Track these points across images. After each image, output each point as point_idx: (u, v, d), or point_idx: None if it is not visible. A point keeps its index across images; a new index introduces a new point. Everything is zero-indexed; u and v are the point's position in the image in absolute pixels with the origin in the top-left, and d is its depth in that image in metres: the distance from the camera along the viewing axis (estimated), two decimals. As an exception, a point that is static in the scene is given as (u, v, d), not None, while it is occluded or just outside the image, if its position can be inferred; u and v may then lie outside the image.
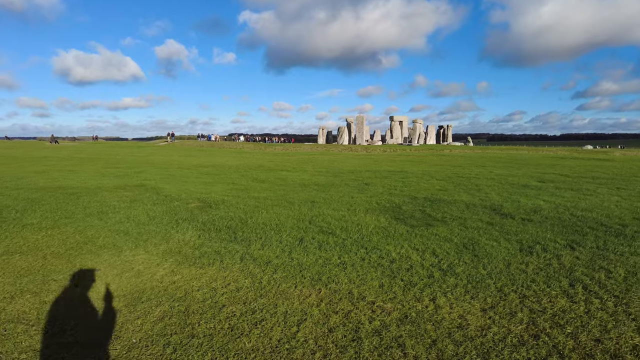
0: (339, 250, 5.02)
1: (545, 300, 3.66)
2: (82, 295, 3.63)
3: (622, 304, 3.53)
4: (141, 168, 14.79)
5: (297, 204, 7.95)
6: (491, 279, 4.16)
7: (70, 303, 3.49)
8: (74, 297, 3.61)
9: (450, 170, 16.12)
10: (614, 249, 5.08)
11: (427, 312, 3.43)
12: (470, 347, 2.89)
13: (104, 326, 3.11)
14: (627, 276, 4.16)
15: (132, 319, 3.22)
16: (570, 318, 3.31)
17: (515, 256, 4.85)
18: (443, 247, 5.20)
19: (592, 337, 3.02)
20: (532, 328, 3.16)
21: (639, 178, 13.78)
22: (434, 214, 7.17)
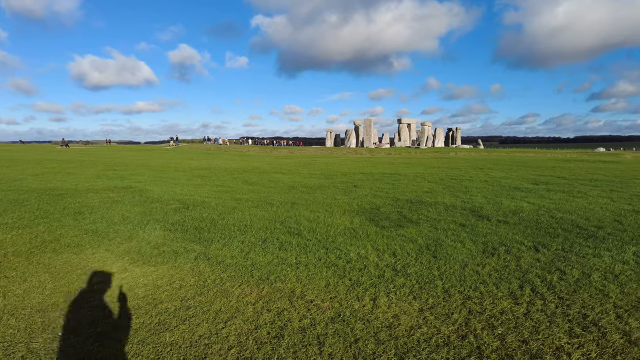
0: (298, 251, 5.02)
1: (488, 301, 3.61)
2: (25, 290, 3.71)
3: (563, 306, 3.47)
4: (137, 171, 15.01)
5: (277, 205, 7.98)
6: (441, 280, 4.12)
7: (8, 300, 3.57)
8: (18, 293, 3.69)
9: (446, 172, 15.98)
10: (579, 250, 4.99)
11: (362, 312, 3.42)
12: (391, 347, 2.87)
13: (35, 321, 3.18)
14: (580, 278, 4.08)
15: (66, 313, 3.28)
16: (505, 319, 3.26)
17: (475, 258, 4.79)
18: (405, 248, 5.17)
19: (520, 338, 2.98)
20: (462, 329, 3.12)
21: (638, 180, 13.46)
22: (410, 216, 7.12)
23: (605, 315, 3.28)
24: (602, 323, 3.15)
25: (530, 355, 2.76)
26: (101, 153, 33.47)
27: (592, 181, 13.21)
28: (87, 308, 3.38)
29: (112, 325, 3.13)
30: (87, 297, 3.59)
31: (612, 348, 2.81)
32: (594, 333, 3.01)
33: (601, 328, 3.07)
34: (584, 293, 3.72)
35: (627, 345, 2.84)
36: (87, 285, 3.83)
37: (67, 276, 4.02)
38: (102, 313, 3.30)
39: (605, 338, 2.94)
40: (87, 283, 3.89)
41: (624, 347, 2.82)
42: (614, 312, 3.33)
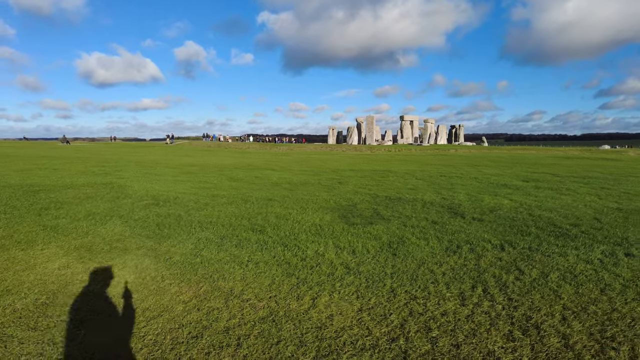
0: (255, 249, 4.88)
1: (433, 302, 3.45)
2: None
3: (510, 308, 3.30)
4: (127, 167, 14.96)
5: (252, 202, 7.85)
6: (391, 279, 3.96)
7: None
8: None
9: (438, 169, 15.76)
10: (545, 249, 4.80)
11: (296, 312, 3.27)
12: (312, 349, 2.72)
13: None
14: (537, 278, 3.90)
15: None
16: (445, 322, 3.10)
17: (435, 256, 4.62)
18: (366, 246, 5.01)
19: (454, 342, 2.81)
20: (395, 331, 2.96)
21: (635, 178, 13.17)
22: (384, 213, 6.95)
23: (550, 317, 3.10)
24: (544, 326, 2.97)
25: (431, 358, 2.60)
26: (99, 150, 33.57)
27: (586, 178, 12.96)
28: (15, 305, 3.26)
29: (33, 317, 3.01)
30: (14, 293, 3.47)
31: (546, 353, 2.64)
32: (532, 337, 2.84)
33: (541, 331, 2.90)
34: (536, 294, 3.55)
35: (562, 350, 2.66)
36: (19, 282, 3.72)
37: (3, 273, 3.91)
38: (24, 309, 3.18)
39: (542, 342, 2.76)
40: (21, 280, 3.78)
41: (558, 351, 2.65)
42: (560, 314, 3.15)
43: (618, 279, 3.86)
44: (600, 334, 2.84)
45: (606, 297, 3.45)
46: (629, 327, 2.93)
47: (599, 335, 2.83)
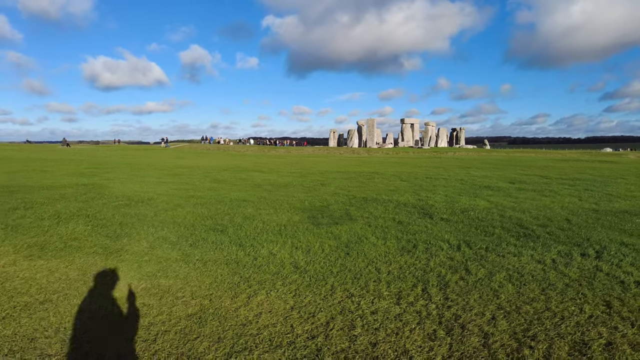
0: (209, 248, 4.87)
1: (368, 300, 3.42)
2: None
3: (444, 307, 3.26)
4: (117, 169, 15.03)
5: (225, 203, 7.84)
6: (335, 278, 3.93)
7: None
8: None
9: (427, 171, 15.70)
10: (502, 250, 4.75)
11: (227, 309, 3.25)
12: (228, 345, 2.70)
13: None
14: (483, 278, 3.86)
15: None
16: (372, 320, 3.07)
17: (387, 255, 4.59)
18: (323, 245, 4.98)
19: (373, 340, 2.78)
20: (318, 329, 2.94)
21: (623, 180, 13.03)
22: (354, 213, 6.92)
23: (479, 317, 3.06)
24: (470, 326, 2.93)
25: (370, 357, 2.56)
26: (98, 152, 33.79)
27: (574, 180, 12.84)
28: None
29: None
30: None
31: (462, 352, 2.60)
32: (454, 336, 2.80)
33: (465, 331, 2.86)
34: (475, 294, 3.50)
35: (479, 349, 2.62)
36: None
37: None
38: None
39: (462, 341, 2.72)
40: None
41: (474, 350, 2.61)
42: (491, 313, 3.11)
43: (563, 279, 3.81)
44: (523, 333, 2.80)
45: (544, 297, 3.40)
46: (554, 326, 2.88)
47: (521, 334, 2.79)
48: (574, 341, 2.68)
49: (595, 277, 3.87)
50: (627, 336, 2.74)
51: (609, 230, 5.76)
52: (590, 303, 3.27)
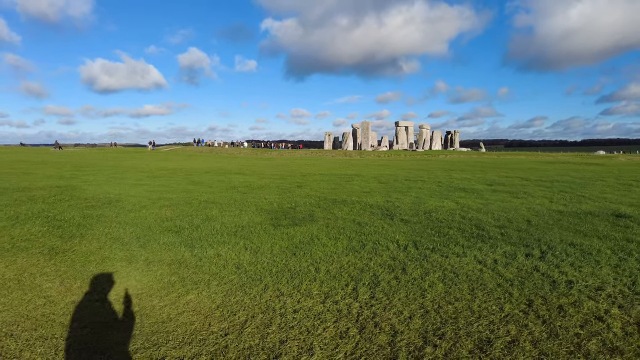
0: (158, 249, 4.89)
1: (294, 300, 3.45)
2: None
3: (367, 305, 3.29)
4: (99, 171, 15.03)
5: (193, 204, 7.86)
6: (271, 277, 3.97)
7: None
8: None
9: (409, 173, 15.74)
10: (447, 250, 4.79)
11: (153, 308, 3.28)
12: (139, 341, 2.72)
13: None
14: (416, 277, 3.89)
15: None
16: (291, 319, 3.11)
17: (332, 255, 4.62)
18: (274, 246, 5.01)
19: (283, 337, 2.82)
20: (234, 327, 2.97)
21: (602, 182, 13.09)
22: (318, 215, 6.94)
23: (396, 315, 3.09)
24: (383, 324, 2.96)
25: (246, 352, 2.58)
26: (88, 155, 33.75)
27: (553, 182, 12.90)
28: None
29: None
30: None
31: (365, 349, 2.63)
32: (364, 334, 2.83)
33: (378, 329, 2.89)
34: (402, 293, 3.53)
35: (383, 347, 2.65)
36: None
37: None
38: None
39: (370, 340, 2.75)
40: None
41: (378, 349, 2.63)
42: (410, 312, 3.14)
43: (497, 279, 3.84)
44: (433, 332, 2.83)
45: (470, 296, 3.44)
46: (466, 325, 2.92)
47: (431, 333, 2.82)
48: (480, 339, 2.71)
49: (530, 277, 3.90)
50: (533, 333, 2.77)
51: (565, 231, 5.80)
52: (512, 302, 3.31)
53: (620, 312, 3.13)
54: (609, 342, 2.66)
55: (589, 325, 2.91)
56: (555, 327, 2.86)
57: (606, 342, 2.66)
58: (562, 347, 2.61)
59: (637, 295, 3.46)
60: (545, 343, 2.65)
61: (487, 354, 2.54)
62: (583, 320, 2.98)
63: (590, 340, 2.69)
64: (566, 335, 2.76)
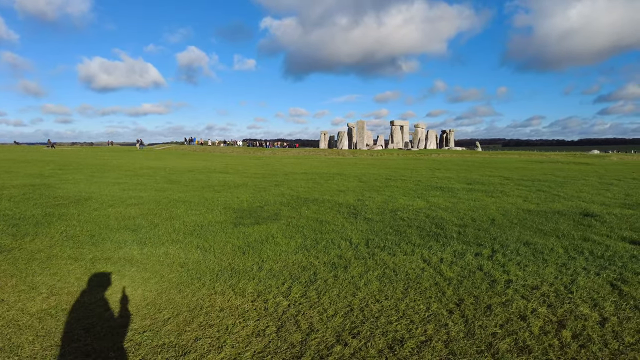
0: (108, 247, 4.87)
1: (226, 298, 3.44)
2: None
3: (295, 305, 3.28)
4: (81, 170, 14.98)
5: (163, 203, 7.83)
6: (212, 275, 3.95)
7: None
8: None
9: (393, 172, 15.74)
10: (397, 249, 4.79)
11: (82, 304, 3.24)
12: (44, 334, 2.69)
13: None
14: (355, 276, 3.90)
15: None
16: (214, 317, 3.11)
17: (281, 254, 4.61)
18: (227, 245, 5.00)
19: (199, 335, 2.81)
20: (154, 325, 2.94)
21: (583, 181, 13.11)
22: (284, 213, 6.92)
23: (319, 314, 3.08)
24: (303, 322, 2.96)
25: (183, 351, 2.56)
26: (78, 153, 33.65)
27: (535, 182, 12.91)
28: None
29: None
30: None
31: (276, 347, 2.61)
32: (281, 332, 2.82)
33: (295, 327, 2.88)
34: (335, 291, 3.53)
35: (294, 345, 2.64)
36: None
37: None
38: None
39: (284, 338, 2.74)
40: None
41: (289, 347, 2.62)
42: (334, 311, 3.13)
43: (436, 278, 3.84)
44: (349, 330, 2.82)
45: (401, 295, 3.43)
46: (386, 324, 2.91)
47: (347, 331, 2.81)
48: (393, 338, 2.70)
49: (471, 276, 3.90)
50: (449, 333, 2.76)
51: (526, 230, 5.80)
52: (442, 301, 3.30)
53: (547, 311, 3.13)
54: (521, 341, 2.66)
55: (509, 324, 2.90)
56: (475, 327, 2.85)
57: (518, 342, 2.66)
58: (473, 346, 2.60)
59: (570, 294, 3.46)
60: (458, 342, 2.64)
61: (396, 353, 2.53)
62: (505, 320, 2.97)
63: (503, 340, 2.68)
64: (482, 334, 2.75)
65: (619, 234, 5.63)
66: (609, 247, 4.95)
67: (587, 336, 2.74)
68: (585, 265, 4.25)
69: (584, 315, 3.06)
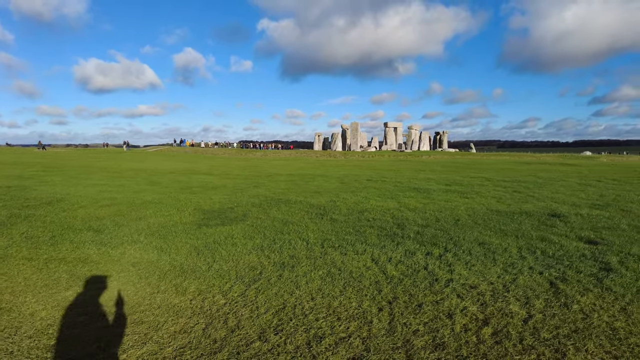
0: (67, 248, 4.91)
1: (166, 296, 3.49)
2: None
3: (230, 303, 3.33)
4: (63, 172, 14.97)
5: (135, 204, 7.86)
6: (159, 275, 4.01)
7: None
8: None
9: (376, 174, 15.83)
10: (351, 248, 4.87)
11: (13, 304, 3.28)
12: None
13: None
14: (299, 275, 3.96)
15: None
16: (145, 313, 3.14)
17: (235, 255, 4.67)
18: (185, 246, 5.05)
19: (114, 332, 2.83)
20: (86, 320, 2.98)
21: (564, 182, 13.24)
22: (252, 214, 6.97)
23: (250, 312, 3.15)
24: (231, 320, 3.01)
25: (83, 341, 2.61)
26: (68, 155, 33.54)
27: (513, 182, 13.03)
28: None
29: None
30: None
31: (196, 343, 2.65)
32: (207, 329, 2.86)
33: (222, 324, 2.92)
34: (274, 289, 3.60)
35: (214, 342, 2.68)
36: None
37: None
38: None
39: (209, 334, 2.78)
40: None
41: (209, 343, 2.67)
42: (266, 308, 3.20)
43: (378, 276, 3.91)
44: (274, 328, 2.87)
45: (338, 293, 3.50)
46: (314, 320, 2.98)
47: (272, 329, 2.87)
48: (315, 335, 2.76)
49: (414, 275, 3.96)
50: (371, 330, 2.83)
51: (487, 231, 5.88)
52: (375, 299, 3.36)
53: (476, 309, 3.20)
54: (439, 339, 2.72)
55: (434, 322, 2.97)
56: (398, 324, 2.92)
57: (436, 339, 2.72)
58: (390, 343, 2.66)
59: (506, 293, 3.53)
60: (376, 339, 2.70)
61: (312, 349, 2.59)
62: (432, 318, 3.03)
63: (422, 337, 2.74)
64: (403, 331, 2.81)
65: (578, 234, 5.71)
66: (563, 247, 5.03)
67: (506, 333, 2.81)
68: (533, 264, 4.32)
69: (511, 313, 3.13)
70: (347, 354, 2.53)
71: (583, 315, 3.11)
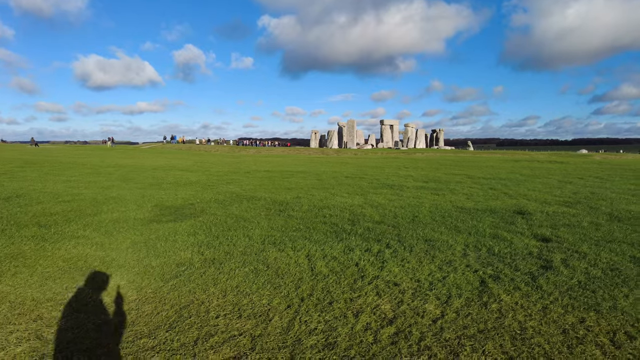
0: (5, 242, 4.81)
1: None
2: None
3: (136, 296, 3.23)
4: (43, 167, 14.89)
5: (97, 200, 7.79)
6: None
7: None
8: None
9: (358, 171, 15.75)
10: (289, 245, 4.81)
11: None
12: None
13: None
14: (227, 271, 3.88)
15: None
16: (45, 306, 3.03)
17: (170, 251, 4.59)
18: (126, 241, 4.97)
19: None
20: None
21: (539, 180, 13.17)
22: (210, 211, 6.90)
23: (152, 308, 3.05)
24: (130, 315, 2.92)
25: None
26: (57, 152, 33.47)
27: (493, 180, 12.97)
28: None
29: None
30: None
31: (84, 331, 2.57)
32: (103, 319, 2.77)
33: (117, 319, 2.84)
34: (190, 285, 3.51)
35: (104, 336, 2.60)
36: None
37: None
38: None
39: (103, 326, 2.70)
40: None
41: (98, 333, 2.59)
42: (172, 304, 3.11)
43: (305, 273, 3.86)
44: (169, 325, 2.80)
45: (255, 289, 3.44)
46: (215, 317, 2.90)
47: (166, 326, 2.80)
48: (206, 333, 2.68)
49: (343, 271, 3.90)
50: (267, 328, 2.77)
51: (441, 227, 5.81)
52: (289, 296, 3.29)
53: (389, 307, 3.12)
54: (332, 338, 2.64)
55: (337, 320, 2.89)
56: (299, 322, 2.84)
57: (330, 338, 2.65)
58: (279, 342, 2.58)
59: (429, 291, 3.46)
60: (267, 338, 2.64)
61: (196, 347, 2.52)
62: (337, 316, 2.96)
63: (316, 336, 2.67)
64: (299, 330, 2.74)
65: (535, 232, 5.64)
66: (512, 245, 4.96)
67: (407, 333, 2.73)
68: (472, 262, 4.25)
69: (424, 312, 3.05)
70: (230, 352, 2.45)
71: (498, 315, 3.03)
